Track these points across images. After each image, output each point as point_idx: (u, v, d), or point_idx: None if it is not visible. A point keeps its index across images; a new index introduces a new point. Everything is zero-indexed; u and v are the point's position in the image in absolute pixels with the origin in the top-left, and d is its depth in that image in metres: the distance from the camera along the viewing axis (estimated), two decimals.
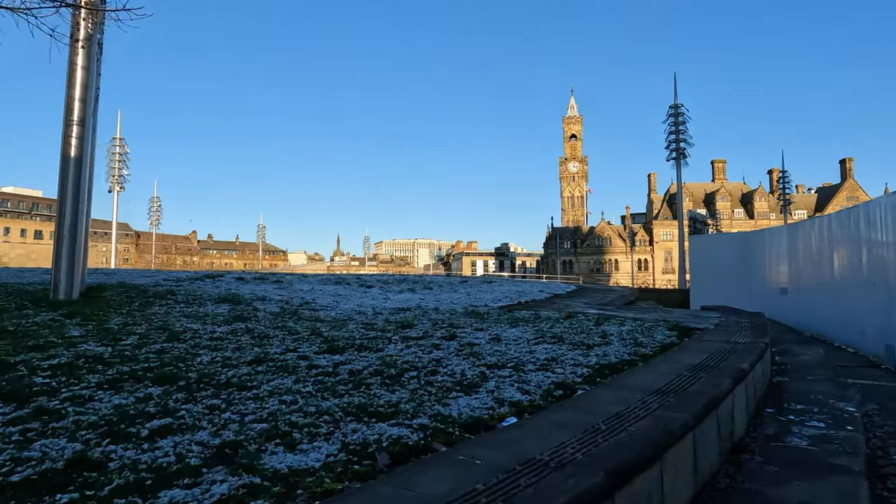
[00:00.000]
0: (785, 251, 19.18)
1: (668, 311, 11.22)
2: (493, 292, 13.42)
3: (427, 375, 4.83)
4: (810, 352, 10.28)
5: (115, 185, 56.46)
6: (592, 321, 8.75)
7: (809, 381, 7.67)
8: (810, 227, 17.02)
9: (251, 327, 6.93)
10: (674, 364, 5.71)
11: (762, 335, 7.88)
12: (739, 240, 22.87)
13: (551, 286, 16.95)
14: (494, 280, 17.25)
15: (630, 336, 7.45)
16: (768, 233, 20.78)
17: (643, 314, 10.27)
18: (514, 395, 4.41)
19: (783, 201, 65.55)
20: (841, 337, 14.90)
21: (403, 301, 10.91)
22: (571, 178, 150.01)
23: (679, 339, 7.49)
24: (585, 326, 8.19)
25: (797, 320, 18.32)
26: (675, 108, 45.56)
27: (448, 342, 6.37)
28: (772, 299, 20.22)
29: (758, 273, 21.38)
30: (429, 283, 14.78)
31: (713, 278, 23.44)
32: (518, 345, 6.42)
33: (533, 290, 14.81)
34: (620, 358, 6.02)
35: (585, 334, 7.41)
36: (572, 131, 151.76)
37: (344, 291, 11.88)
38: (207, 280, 12.40)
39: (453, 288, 13.98)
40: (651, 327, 8.40)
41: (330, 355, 5.41)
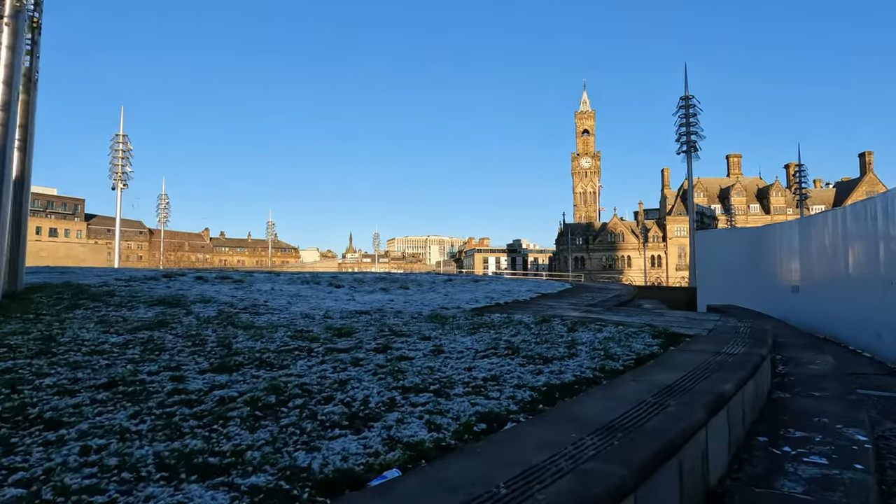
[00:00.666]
0: (797, 247, 17.94)
1: (662, 314, 10.14)
2: (474, 292, 12.41)
3: (317, 404, 3.83)
4: (819, 359, 9.14)
5: (119, 182, 56.00)
6: (567, 326, 7.70)
7: (815, 397, 6.58)
8: (823, 220, 15.80)
9: (159, 336, 5.97)
10: (642, 384, 4.67)
11: (760, 344, 6.79)
12: (749, 235, 21.63)
13: (544, 285, 15.89)
14: (483, 279, 16.23)
15: (603, 346, 6.40)
16: (779, 228, 19.53)
17: (631, 317, 9.21)
18: (417, 432, 3.40)
19: (799, 196, 63.76)
20: (856, 339, 13.71)
21: (367, 303, 9.93)
22: (584, 173, 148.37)
23: (661, 349, 6.43)
24: (555, 333, 7.15)
25: (809, 321, 17.11)
26: (685, 100, 44.17)
27: (377, 355, 5.37)
28: (783, 298, 18.99)
29: (768, 270, 20.14)
30: (410, 281, 13.80)
31: (721, 276, 22.21)
32: (460, 359, 5.40)
33: (521, 289, 13.78)
34: (580, 375, 4.98)
35: (549, 344, 6.37)
36: (584, 126, 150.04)
37: (308, 292, 10.91)
38: (163, 280, 11.51)
39: (433, 288, 12.99)
40: (632, 334, 7.34)
41: (214, 375, 4.43)
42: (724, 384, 4.66)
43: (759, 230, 21.52)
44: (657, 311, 10.79)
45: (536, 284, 15.92)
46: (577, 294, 13.94)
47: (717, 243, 22.78)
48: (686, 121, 43.58)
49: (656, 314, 10.09)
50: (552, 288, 15.20)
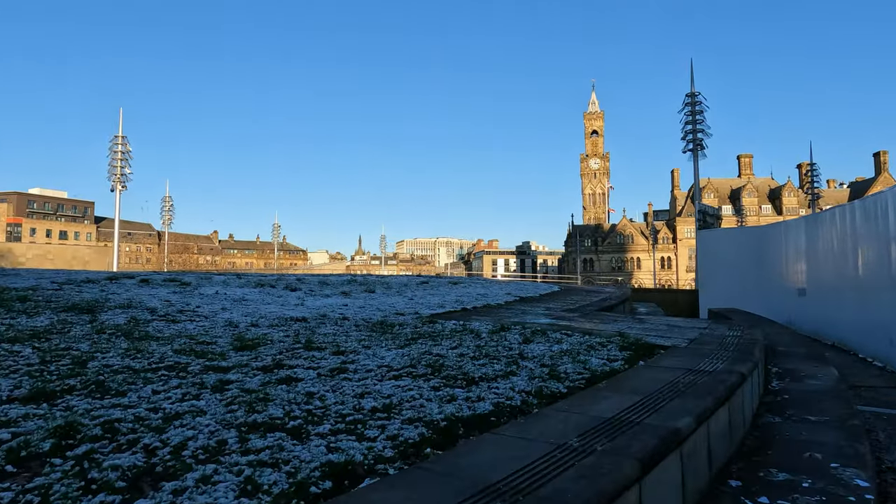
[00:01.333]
0: (803, 247, 16.77)
1: (645, 320, 9.06)
2: (446, 296, 11.39)
3: (109, 453, 2.82)
4: (822, 372, 8.03)
5: (118, 184, 55.41)
6: (523, 337, 6.66)
7: (810, 423, 5.49)
8: (830, 218, 14.64)
9: (16, 350, 4.99)
10: (576, 416, 3.63)
11: (744, 359, 5.71)
12: (753, 235, 20.44)
13: (531, 288, 14.83)
14: (463, 282, 15.18)
15: (553, 361, 5.35)
16: (784, 226, 18.35)
17: (607, 324, 8.15)
18: (217, 502, 2.39)
19: (811, 195, 62.15)
20: (867, 347, 12.55)
21: (315, 308, 8.93)
22: (593, 174, 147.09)
23: (625, 365, 5.38)
24: (504, 345, 6.11)
25: (816, 326, 15.92)
26: (691, 97, 42.86)
27: (257, 376, 4.36)
28: (789, 302, 17.81)
29: (773, 272, 18.96)
30: (380, 284, 12.78)
31: (724, 278, 21.05)
32: (362, 380, 4.38)
33: (501, 292, 12.73)
34: (505, 403, 3.95)
35: (489, 359, 5.34)
36: (593, 127, 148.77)
37: (255, 297, 9.93)
38: (104, 282, 10.58)
39: (403, 291, 11.98)
40: (597, 346, 6.29)
41: (9, 407, 3.43)
42: (682, 417, 3.60)
43: (764, 229, 20.33)
44: (643, 317, 9.70)
45: (522, 287, 14.86)
46: (561, 297, 12.87)
47: (719, 243, 21.59)
48: (692, 118, 42.25)
49: (639, 320, 9.01)
50: (538, 291, 14.13)
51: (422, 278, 14.99)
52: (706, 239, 22.37)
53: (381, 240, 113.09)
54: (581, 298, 12.87)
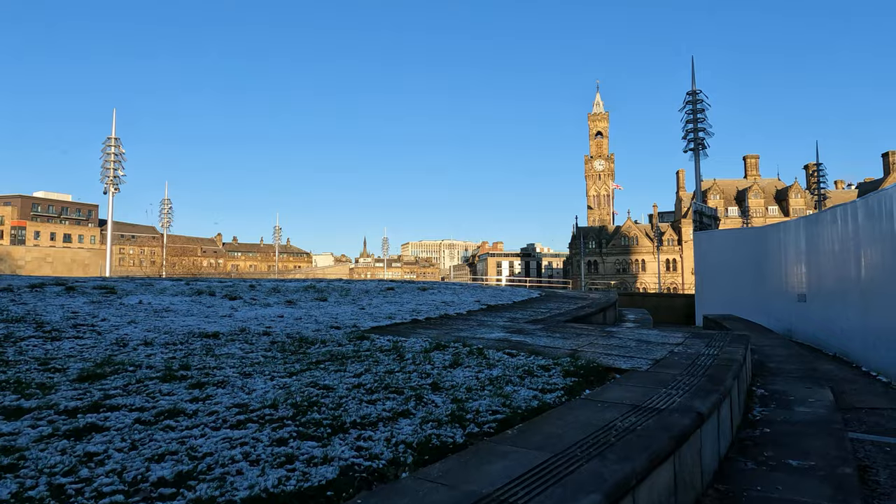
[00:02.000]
0: (803, 249, 15.63)
1: (614, 334, 7.97)
2: (403, 305, 10.35)
3: None
4: (815, 395, 6.93)
5: (110, 187, 54.66)
6: (454, 358, 5.60)
7: (791, 471, 4.41)
8: (831, 217, 13.50)
9: None
10: (442, 491, 2.60)
11: (710, 390, 4.63)
12: (752, 236, 19.28)
13: (507, 294, 13.75)
14: (434, 287, 14.10)
15: (471, 394, 4.29)
16: (783, 227, 17.21)
17: (565, 340, 7.08)
18: None
19: (818, 196, 60.76)
20: (871, 359, 11.43)
21: (243, 320, 7.91)
22: (597, 176, 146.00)
23: (561, 398, 4.33)
24: (423, 371, 5.05)
25: (817, 335, 14.78)
26: (692, 95, 41.66)
27: (59, 421, 3.34)
28: (788, 308, 16.67)
29: (773, 276, 17.82)
30: (337, 291, 11.75)
31: (722, 282, 19.90)
32: (190, 429, 3.33)
33: (470, 299, 11.66)
34: (365, 464, 2.91)
35: (389, 391, 4.28)
36: (598, 128, 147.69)
37: (183, 307, 8.91)
38: (26, 290, 9.60)
39: (359, 299, 10.94)
40: (539, 370, 5.23)
41: None
42: (587, 495, 2.54)
43: (763, 230, 19.17)
44: (616, 329, 8.61)
45: (499, 294, 13.78)
46: (536, 305, 11.80)
47: (717, 246, 20.43)
48: (694, 117, 41.07)
49: (608, 334, 7.92)
50: (514, 297, 13.05)
51: (391, 284, 13.94)
52: (703, 241, 21.16)
53: (383, 242, 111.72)
54: (558, 306, 11.79)
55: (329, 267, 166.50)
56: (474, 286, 16.05)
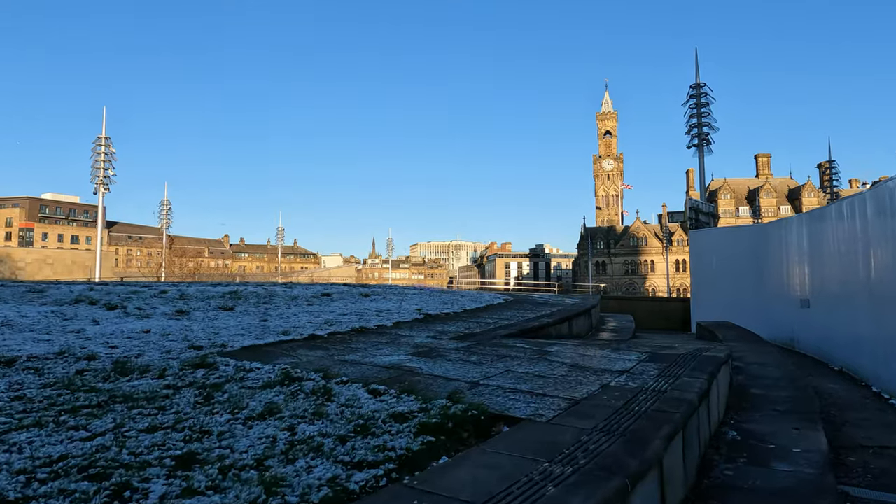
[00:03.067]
0: (805, 247, 13.85)
1: (546, 357, 6.24)
2: (322, 315, 8.71)
3: None
4: (803, 444, 5.21)
5: (101, 187, 53.53)
6: (283, 401, 3.98)
7: None
8: (836, 212, 11.73)
9: None
10: None
11: (617, 468, 2.98)
12: (752, 234, 17.47)
13: (463, 301, 12.08)
14: (378, 293, 12.43)
15: (215, 483, 2.68)
16: (784, 224, 15.43)
17: (473, 367, 5.41)
18: None
19: (831, 195, 58.56)
20: (883, 377, 9.67)
21: (86, 337, 6.33)
22: (606, 175, 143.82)
23: (370, 485, 2.71)
24: (202, 426, 3.43)
25: (822, 346, 13.01)
26: (696, 88, 39.79)
27: None
28: (790, 314, 14.89)
29: (774, 278, 16.03)
30: (258, 298, 10.13)
31: (719, 286, 18.11)
32: None
33: (410, 308, 9.96)
34: None
35: (74, 478, 2.67)
36: (607, 128, 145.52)
37: (30, 320, 7.35)
38: None
39: (273, 308, 9.23)
40: (386, 422, 3.60)
41: None
42: None
43: (764, 227, 17.35)
44: (552, 349, 6.90)
45: (456, 300, 12.12)
46: (487, 314, 10.13)
47: (714, 245, 18.61)
48: (697, 111, 39.21)
49: (541, 356, 6.24)
50: (469, 305, 11.38)
51: (333, 290, 12.28)
52: (698, 240, 19.30)
53: (387, 243, 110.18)
54: (512, 315, 10.12)
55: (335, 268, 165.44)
56: (435, 291, 14.41)
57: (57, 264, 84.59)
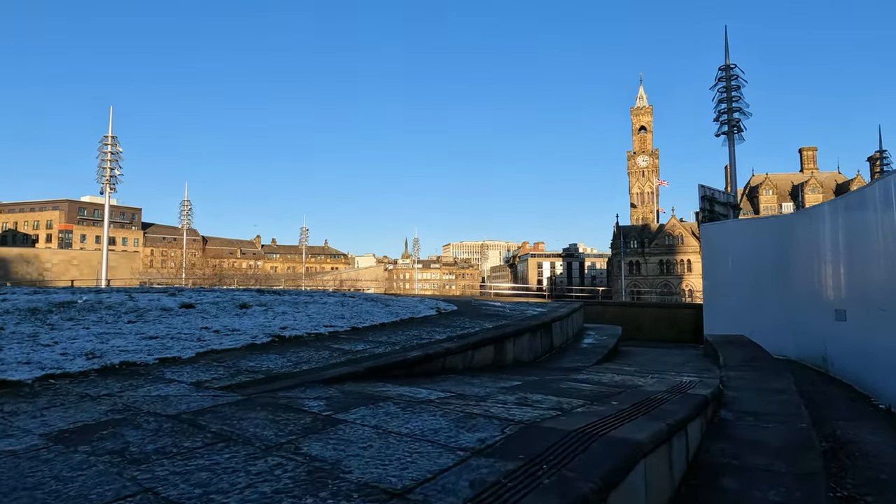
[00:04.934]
0: (841, 243, 10.68)
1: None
2: (108, 340, 6.19)
3: None
4: None
5: (107, 186, 52.45)
6: None
7: None
8: (883, 194, 8.59)
9: None
10: None
11: None
12: (775, 227, 14.22)
13: (378, 314, 9.36)
14: (260, 304, 9.77)
15: None
16: (814, 213, 12.22)
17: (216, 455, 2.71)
18: None
19: None
20: None
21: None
22: (640, 172, 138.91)
23: None
24: None
25: (863, 373, 9.85)
26: (726, 70, 36.17)
27: None
28: (822, 328, 11.70)
29: (801, 281, 12.82)
30: (168, 309, 7.67)
31: (735, 289, 14.93)
32: None
33: (325, 317, 7.24)
34: None
35: None
36: (641, 123, 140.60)
37: None
38: None
39: (172, 318, 6.85)
40: None
41: None
42: None
43: (789, 219, 14.11)
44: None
45: (371, 309, 9.43)
46: (386, 333, 7.38)
47: (730, 241, 15.35)
48: (727, 95, 35.56)
49: (364, 401, 3.47)
50: (384, 318, 8.67)
51: (259, 298, 9.72)
52: (711, 235, 15.96)
53: (413, 244, 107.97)
54: (417, 334, 7.35)
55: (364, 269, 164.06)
56: (359, 300, 11.70)
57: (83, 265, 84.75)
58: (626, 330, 14.81)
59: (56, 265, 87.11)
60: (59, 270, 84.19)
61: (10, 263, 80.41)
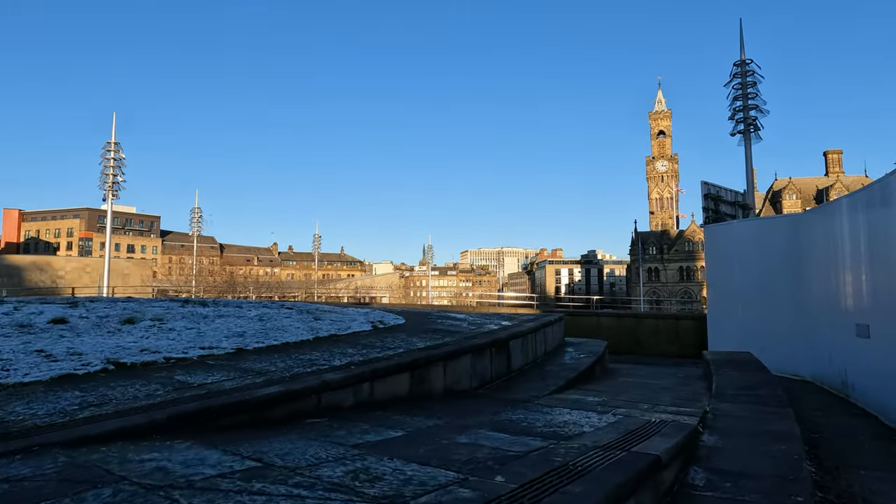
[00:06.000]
0: (862, 245, 8.91)
1: None
2: None
3: None
4: None
5: (109, 193, 51.69)
6: None
7: None
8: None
9: None
10: None
11: None
12: (786, 228, 12.40)
13: (294, 329, 7.82)
14: (225, 315, 8.32)
15: None
16: (830, 210, 10.46)
17: None
18: None
19: None
20: None
21: None
22: (660, 177, 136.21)
23: None
24: None
25: (889, 400, 8.08)
26: (741, 65, 34.13)
27: None
28: (841, 345, 9.92)
29: (817, 290, 11.03)
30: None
31: (742, 299, 13.14)
32: None
33: (207, 339, 5.76)
34: None
35: None
36: (660, 127, 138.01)
37: None
38: None
39: None
40: None
41: None
42: None
43: (803, 218, 12.25)
44: None
45: (284, 325, 7.90)
46: (269, 359, 5.85)
47: (736, 244, 13.49)
48: (743, 91, 33.52)
49: None
50: (331, 330, 7.17)
51: (166, 311, 8.26)
52: (716, 238, 14.07)
53: (427, 250, 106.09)
54: (356, 351, 5.83)
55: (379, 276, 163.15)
56: (306, 310, 10.21)
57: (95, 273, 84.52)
58: (623, 344, 13.15)
59: (69, 272, 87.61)
60: (71, 278, 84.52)
61: (24, 271, 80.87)
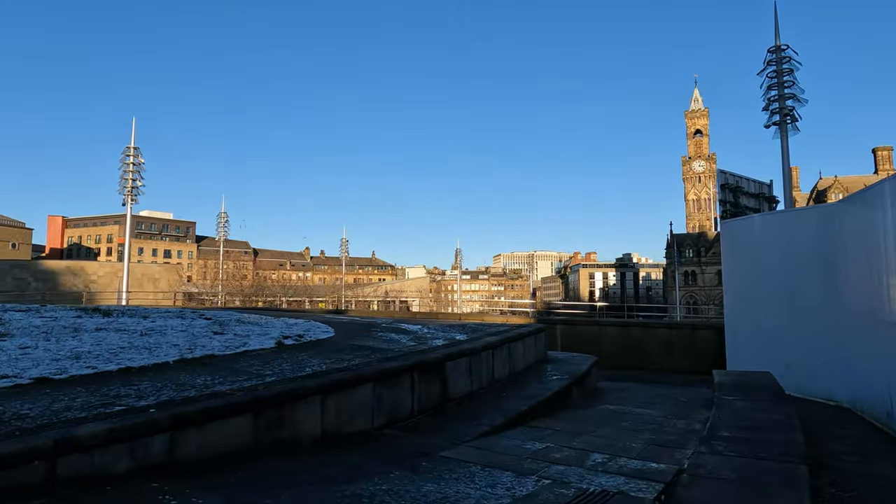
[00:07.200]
0: None
1: None
2: None
3: None
4: None
5: (129, 198, 51.43)
6: None
7: None
8: None
9: None
10: None
11: None
12: (817, 222, 10.31)
13: (210, 342, 6.24)
14: (101, 327, 6.80)
15: None
16: (870, 198, 8.42)
17: None
18: None
19: None
20: None
21: None
22: (696, 178, 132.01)
23: None
24: None
25: None
26: (776, 52, 31.57)
27: None
28: (886, 362, 7.87)
29: (855, 294, 8.96)
30: None
31: (764, 305, 11.08)
32: None
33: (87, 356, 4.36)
34: None
35: None
36: (697, 126, 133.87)
37: None
38: None
39: None
40: None
41: None
42: None
43: (836, 208, 10.11)
44: None
45: (183, 342, 6.34)
46: (154, 378, 4.28)
47: (757, 241, 11.35)
48: (779, 80, 30.96)
49: None
50: (210, 350, 5.59)
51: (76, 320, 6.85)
52: (735, 235, 11.95)
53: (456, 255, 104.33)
54: (209, 381, 4.23)
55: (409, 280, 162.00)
56: (215, 321, 8.65)
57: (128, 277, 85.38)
58: (628, 357, 11.26)
59: (102, 277, 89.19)
60: (104, 283, 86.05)
61: (59, 276, 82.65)
